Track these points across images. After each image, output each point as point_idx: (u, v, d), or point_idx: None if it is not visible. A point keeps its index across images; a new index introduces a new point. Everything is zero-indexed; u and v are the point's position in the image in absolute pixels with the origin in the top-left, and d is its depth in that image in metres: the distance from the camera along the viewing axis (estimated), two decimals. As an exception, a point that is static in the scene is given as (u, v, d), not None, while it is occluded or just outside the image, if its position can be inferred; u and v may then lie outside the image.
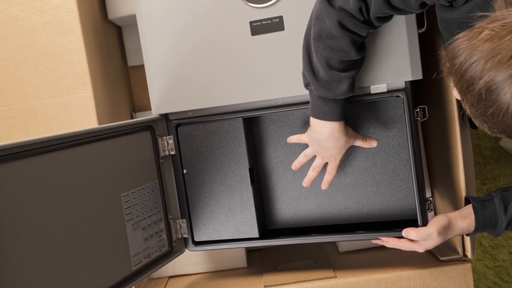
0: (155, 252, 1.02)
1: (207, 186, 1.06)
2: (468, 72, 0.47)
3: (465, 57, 0.47)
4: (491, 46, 0.45)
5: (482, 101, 0.47)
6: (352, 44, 0.82)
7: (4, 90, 1.07)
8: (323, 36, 0.82)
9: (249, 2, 0.96)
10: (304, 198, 1.07)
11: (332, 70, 0.84)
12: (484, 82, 0.46)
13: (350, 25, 0.80)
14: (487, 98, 0.46)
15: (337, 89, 0.86)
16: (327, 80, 0.85)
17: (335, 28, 0.80)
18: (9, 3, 1.04)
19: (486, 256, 1.55)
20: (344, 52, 0.83)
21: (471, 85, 0.47)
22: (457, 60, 0.48)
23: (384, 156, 1.02)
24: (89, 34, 1.08)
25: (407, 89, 0.95)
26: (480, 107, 0.48)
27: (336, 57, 0.83)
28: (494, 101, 0.46)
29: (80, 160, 0.86)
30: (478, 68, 0.46)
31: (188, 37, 1.00)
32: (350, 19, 0.79)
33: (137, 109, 1.32)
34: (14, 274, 0.72)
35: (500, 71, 0.44)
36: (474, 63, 0.46)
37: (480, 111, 0.49)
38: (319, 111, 0.89)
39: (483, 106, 0.47)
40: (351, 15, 0.80)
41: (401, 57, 0.93)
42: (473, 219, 0.89)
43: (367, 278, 1.01)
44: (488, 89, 0.46)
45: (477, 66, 0.46)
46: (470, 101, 0.48)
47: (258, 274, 1.14)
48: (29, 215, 0.75)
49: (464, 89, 0.48)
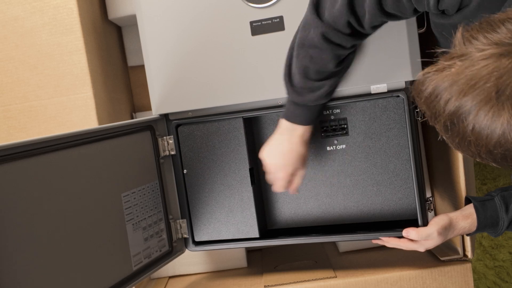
0: (155, 252, 1.02)
1: (207, 186, 1.06)
2: (433, 105, 0.50)
3: (430, 91, 0.50)
4: (452, 80, 0.48)
5: (448, 131, 0.50)
6: (333, 57, 0.83)
7: (4, 90, 1.07)
8: (306, 44, 0.83)
9: (249, 2, 0.96)
10: (304, 198, 1.07)
11: (307, 79, 0.85)
12: (448, 115, 0.49)
13: (335, 38, 0.81)
14: (453, 129, 0.50)
15: (310, 96, 0.87)
16: (301, 86, 0.86)
17: (319, 39, 0.81)
18: (9, 3, 1.04)
19: (486, 256, 1.55)
20: (324, 64, 0.84)
21: (438, 117, 0.50)
22: (423, 94, 0.51)
23: (384, 156, 1.02)
24: (89, 34, 1.08)
25: (407, 89, 0.95)
26: (448, 136, 0.52)
27: (314, 67, 0.84)
28: (458, 132, 0.50)
29: (80, 160, 0.86)
30: (441, 102, 0.49)
31: (188, 37, 0.99)
32: (336, 32, 0.80)
33: (137, 109, 1.31)
34: (14, 274, 0.72)
35: (462, 104, 0.47)
36: (437, 97, 0.49)
37: (450, 140, 0.53)
38: (288, 113, 0.91)
39: (451, 135, 0.51)
40: (336, 28, 0.80)
41: (401, 57, 0.93)
42: (474, 219, 0.89)
43: (367, 278, 1.01)
44: (452, 122, 0.49)
45: (441, 101, 0.49)
46: (439, 130, 0.52)
47: (258, 274, 1.14)
48: (29, 215, 0.75)
49: (433, 120, 0.52)
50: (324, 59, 0.83)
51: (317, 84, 0.86)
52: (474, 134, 0.48)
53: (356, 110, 1.02)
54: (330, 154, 1.04)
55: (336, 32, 0.80)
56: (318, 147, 1.05)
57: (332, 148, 1.04)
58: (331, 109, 1.02)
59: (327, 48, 0.82)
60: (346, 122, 1.02)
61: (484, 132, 0.47)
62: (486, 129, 0.47)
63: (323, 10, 0.80)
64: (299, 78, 0.86)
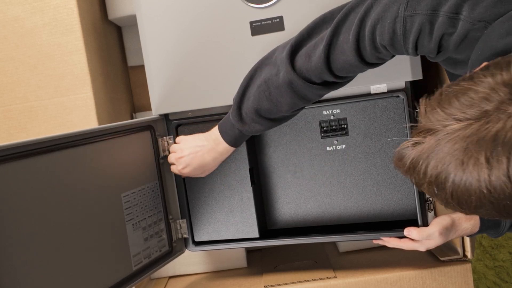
0: (155, 252, 1.02)
1: (207, 186, 1.06)
2: (414, 175, 0.56)
3: (408, 165, 0.56)
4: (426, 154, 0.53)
5: (434, 196, 0.55)
6: (291, 104, 0.86)
7: (4, 90, 1.07)
8: (271, 82, 0.85)
9: (249, 2, 0.96)
10: (304, 198, 1.07)
11: (256, 113, 0.88)
12: (428, 183, 0.54)
13: (301, 89, 0.83)
14: (437, 194, 0.54)
15: (250, 126, 0.90)
16: (246, 113, 0.89)
17: (284, 83, 0.84)
18: (9, 3, 1.04)
19: (486, 256, 1.55)
20: (278, 107, 0.87)
21: (421, 185, 0.56)
22: (404, 168, 0.57)
23: (384, 156, 1.02)
24: (89, 34, 1.08)
25: (407, 89, 0.95)
26: (436, 200, 0.57)
27: (268, 106, 0.87)
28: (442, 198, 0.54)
29: (80, 160, 0.86)
30: (421, 173, 0.54)
31: (188, 37, 1.00)
32: (304, 83, 0.82)
33: (137, 109, 1.32)
34: (14, 274, 0.72)
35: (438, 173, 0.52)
36: (416, 169, 0.55)
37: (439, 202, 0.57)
38: (223, 125, 0.94)
39: (438, 199, 0.56)
40: (307, 79, 0.82)
41: (401, 57, 0.93)
42: (477, 221, 0.90)
43: (367, 279, 1.01)
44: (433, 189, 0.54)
45: (420, 172, 0.54)
46: (426, 193, 0.57)
47: (258, 274, 1.14)
48: (29, 215, 0.75)
49: (419, 186, 0.57)
50: (281, 103, 0.86)
51: (260, 121, 0.89)
52: (455, 200, 0.53)
53: (356, 110, 1.02)
54: (330, 154, 1.04)
55: (304, 84, 0.82)
56: (318, 147, 1.05)
57: (332, 148, 1.04)
58: (331, 109, 1.03)
59: (289, 95, 0.85)
60: (346, 122, 1.02)
61: (463, 197, 0.52)
62: (463, 195, 0.52)
63: (298, 58, 0.83)
64: (250, 107, 0.88)
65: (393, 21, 0.71)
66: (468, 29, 0.65)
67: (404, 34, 0.70)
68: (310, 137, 1.05)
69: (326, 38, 0.78)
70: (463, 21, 0.65)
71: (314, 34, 0.83)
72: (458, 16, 0.65)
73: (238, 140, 0.94)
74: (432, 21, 0.68)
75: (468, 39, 0.66)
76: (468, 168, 0.50)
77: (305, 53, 0.82)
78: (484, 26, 0.64)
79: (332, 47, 0.79)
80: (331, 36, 0.78)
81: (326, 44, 0.78)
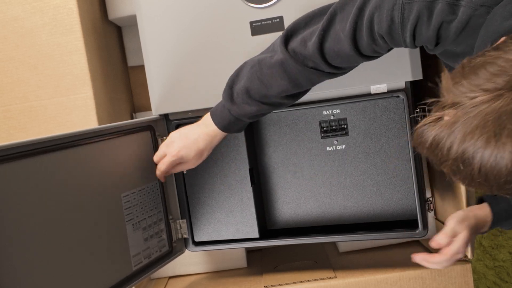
0: (155, 252, 1.02)
1: (207, 186, 1.06)
2: (436, 153, 0.53)
3: (430, 142, 0.53)
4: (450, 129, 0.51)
5: (456, 174, 0.53)
6: (281, 88, 0.84)
7: (4, 90, 1.07)
8: (263, 63, 0.84)
9: (249, 2, 0.96)
10: (304, 198, 1.07)
11: (247, 93, 0.86)
12: (453, 160, 0.52)
13: (292, 69, 0.81)
14: (460, 172, 0.52)
15: (239, 107, 0.87)
16: (237, 94, 0.87)
17: (276, 63, 0.82)
18: (9, 3, 1.04)
19: (486, 256, 1.55)
20: (268, 88, 0.84)
21: (443, 163, 0.53)
22: (425, 145, 0.54)
23: (384, 156, 1.02)
24: (89, 34, 1.08)
25: (407, 89, 0.95)
26: (457, 179, 0.55)
27: (259, 87, 0.85)
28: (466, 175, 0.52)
29: (80, 160, 0.86)
30: (444, 150, 0.52)
31: (188, 37, 0.99)
32: (296, 64, 0.80)
33: (137, 109, 1.31)
34: (14, 274, 0.72)
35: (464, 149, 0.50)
36: (439, 146, 0.52)
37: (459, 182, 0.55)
38: (215, 110, 0.91)
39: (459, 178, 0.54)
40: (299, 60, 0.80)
41: (401, 57, 0.93)
42: (488, 210, 0.88)
43: (367, 279, 1.01)
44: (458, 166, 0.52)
45: (443, 149, 0.52)
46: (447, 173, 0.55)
47: (258, 275, 1.14)
48: (29, 215, 0.75)
49: (439, 166, 0.55)
50: (272, 85, 0.84)
51: (250, 102, 0.87)
52: (482, 176, 0.50)
53: (356, 110, 1.02)
54: (330, 154, 1.04)
55: (296, 65, 0.80)
56: (318, 147, 1.05)
57: (332, 148, 1.04)
58: (331, 109, 1.03)
59: (280, 77, 0.83)
60: (346, 122, 1.02)
61: (492, 173, 0.49)
62: (493, 170, 0.49)
63: (293, 42, 0.82)
64: (242, 87, 0.86)
65: (391, 8, 0.69)
66: (470, 15, 0.64)
67: (402, 22, 0.69)
68: (310, 137, 1.05)
69: (322, 25, 0.77)
70: (464, 6, 0.64)
71: (311, 23, 0.82)
72: (459, 2, 0.64)
73: (228, 125, 0.90)
74: (430, 8, 0.66)
75: (470, 26, 0.65)
76: (500, 140, 0.48)
77: (301, 39, 0.80)
78: (486, 11, 0.62)
79: (326, 35, 0.77)
80: (327, 24, 0.77)
81: (321, 31, 0.77)
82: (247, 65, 0.87)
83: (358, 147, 1.03)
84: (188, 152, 0.93)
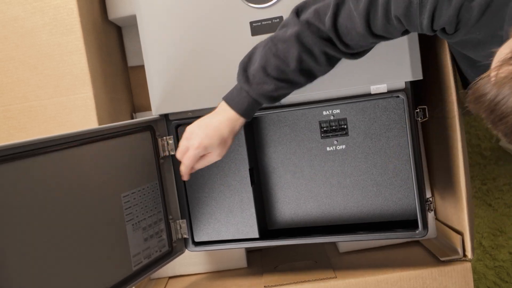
0: (155, 252, 1.02)
1: (207, 186, 1.06)
2: (498, 107, 0.50)
3: (493, 94, 0.50)
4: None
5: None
6: (297, 58, 0.81)
7: (4, 90, 1.07)
8: (277, 38, 0.83)
9: (249, 3, 0.96)
10: (304, 199, 1.07)
11: (264, 71, 0.83)
12: None
13: (307, 39, 0.80)
14: None
15: (257, 87, 0.84)
16: (253, 74, 0.84)
17: (291, 35, 0.80)
18: (9, 3, 1.04)
19: (486, 256, 1.55)
20: (285, 62, 0.82)
21: (503, 119, 0.50)
22: (486, 98, 0.51)
23: (384, 156, 1.02)
24: (89, 35, 1.08)
25: (407, 89, 0.95)
26: None
27: (275, 62, 0.82)
28: None
29: (80, 160, 0.86)
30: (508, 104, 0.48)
31: (188, 37, 0.99)
32: (310, 33, 0.79)
33: (137, 109, 1.31)
34: (14, 274, 0.72)
35: None
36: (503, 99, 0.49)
37: None
38: (230, 95, 0.88)
39: None
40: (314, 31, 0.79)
41: (401, 57, 0.93)
42: None
43: (367, 279, 1.01)
44: None
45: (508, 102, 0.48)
46: (504, 131, 0.51)
47: (258, 275, 1.14)
48: (29, 215, 0.75)
49: (496, 121, 0.51)
50: (288, 57, 0.82)
51: (268, 80, 0.84)
52: None
53: (356, 110, 1.02)
54: (330, 154, 1.04)
55: (311, 35, 0.79)
56: (318, 147, 1.05)
57: (332, 149, 1.04)
58: (331, 109, 1.03)
59: (295, 46, 0.81)
60: (346, 123, 1.02)
61: None
62: None
63: (305, 13, 0.81)
64: (257, 67, 0.84)
65: None
66: None
67: (420, 2, 0.68)
68: (310, 137, 1.05)
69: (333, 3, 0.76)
70: None
71: None
72: None
73: (247, 108, 0.86)
74: None
75: (494, 4, 0.62)
76: None
77: (314, 11, 0.79)
78: None
79: (340, 10, 0.76)
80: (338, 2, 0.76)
81: (334, 6, 0.76)
82: (259, 47, 0.86)
83: (358, 147, 1.03)
84: (211, 142, 0.89)
